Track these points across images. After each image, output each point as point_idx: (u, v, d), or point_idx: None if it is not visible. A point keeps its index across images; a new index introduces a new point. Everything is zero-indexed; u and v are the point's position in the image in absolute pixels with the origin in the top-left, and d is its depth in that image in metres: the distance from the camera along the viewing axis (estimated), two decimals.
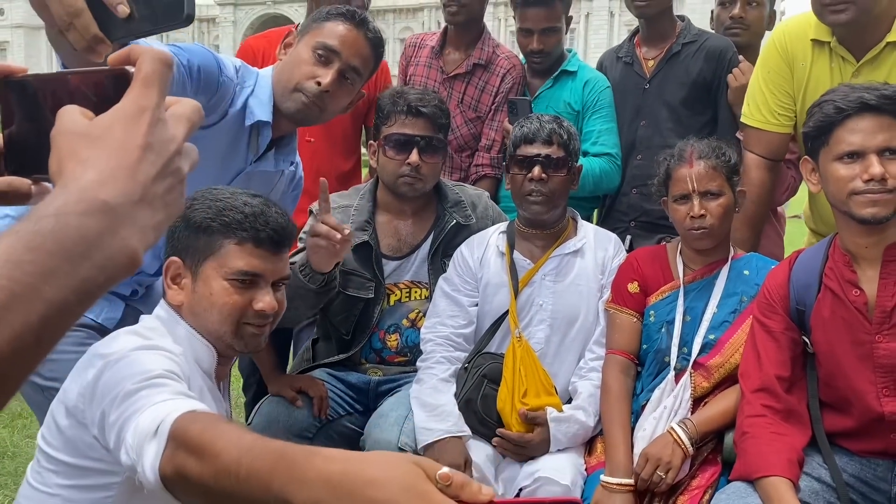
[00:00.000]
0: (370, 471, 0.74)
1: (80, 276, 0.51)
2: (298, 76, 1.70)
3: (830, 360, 1.73)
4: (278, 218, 1.41)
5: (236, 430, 0.94)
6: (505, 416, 1.92)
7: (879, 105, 1.59)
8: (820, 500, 1.69)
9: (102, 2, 0.97)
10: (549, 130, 2.03)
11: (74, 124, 0.58)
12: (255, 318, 1.38)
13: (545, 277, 2.08)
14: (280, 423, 1.93)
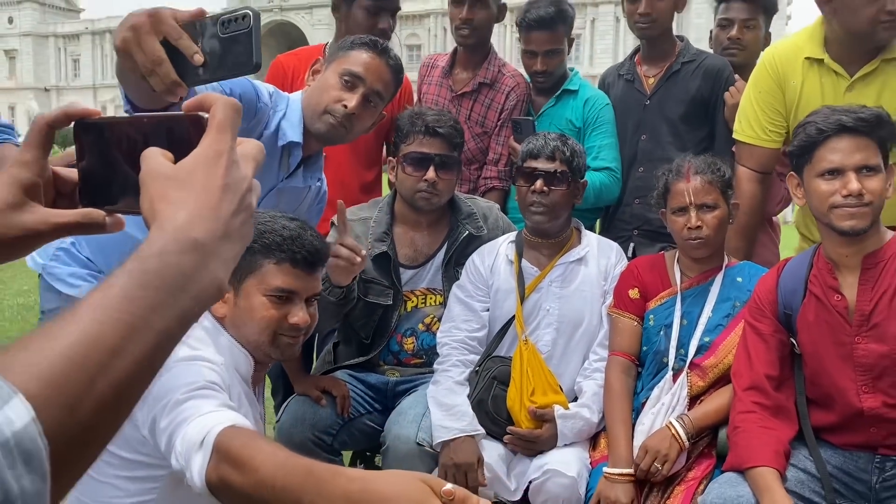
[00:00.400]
0: (385, 489, 0.88)
1: (181, 307, 0.57)
2: (327, 100, 1.86)
3: (815, 360, 1.87)
4: (313, 241, 1.54)
5: (272, 447, 1.08)
6: (514, 414, 2.07)
7: (856, 127, 1.73)
8: (806, 489, 1.83)
9: (180, 51, 1.13)
10: (553, 147, 2.18)
11: (161, 168, 0.63)
12: (290, 331, 1.52)
13: (551, 284, 2.23)
14: (306, 420, 2.08)
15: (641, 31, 2.69)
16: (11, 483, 0.40)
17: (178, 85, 1.15)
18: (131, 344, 0.52)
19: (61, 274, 1.82)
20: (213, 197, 0.61)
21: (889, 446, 1.81)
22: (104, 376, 0.49)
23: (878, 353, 1.76)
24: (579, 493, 1.94)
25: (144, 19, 1.16)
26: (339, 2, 2.64)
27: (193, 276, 0.57)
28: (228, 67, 1.16)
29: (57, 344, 0.48)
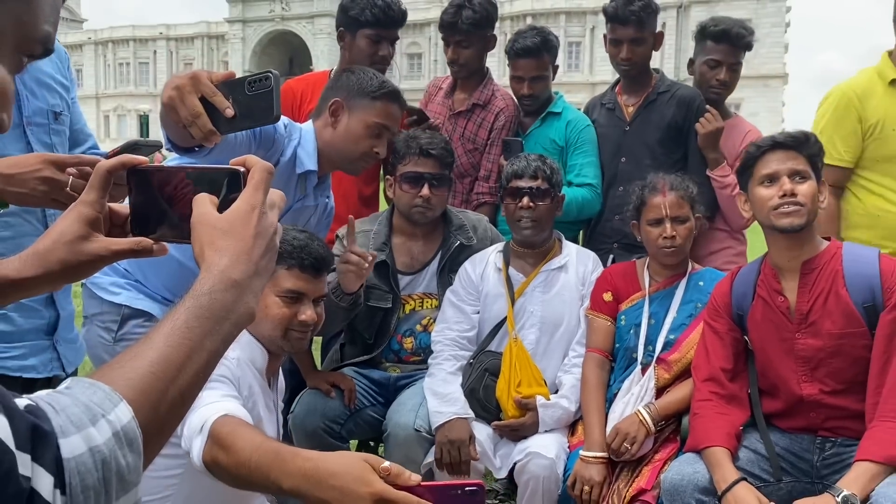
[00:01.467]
0: (332, 466, 1.16)
1: (225, 332, 0.73)
2: (362, 149, 2.14)
3: (763, 354, 2.14)
4: (319, 249, 1.80)
5: (251, 433, 1.36)
6: (502, 403, 2.33)
7: (785, 142, 2.02)
8: (756, 468, 2.08)
9: (215, 106, 1.41)
10: (535, 167, 2.45)
11: (209, 216, 0.79)
12: (300, 327, 1.76)
13: (535, 289, 2.49)
14: (317, 410, 2.33)
15: (624, 71, 2.97)
16: (121, 459, 0.59)
17: (214, 133, 1.45)
18: (191, 362, 0.68)
19: (103, 283, 2.08)
20: (248, 244, 0.77)
21: (827, 429, 2.07)
22: (175, 385, 0.67)
23: (815, 346, 2.02)
24: (557, 473, 2.20)
25: (186, 81, 1.46)
26: (344, 31, 2.88)
27: (233, 308, 0.74)
28: (254, 119, 1.47)
29: (142, 362, 0.66)
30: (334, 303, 2.23)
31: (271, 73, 1.44)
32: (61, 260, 0.89)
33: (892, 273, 1.96)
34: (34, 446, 0.53)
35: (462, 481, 1.13)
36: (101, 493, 0.57)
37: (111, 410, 0.60)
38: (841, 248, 2.06)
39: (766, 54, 52.46)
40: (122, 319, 2.04)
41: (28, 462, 0.53)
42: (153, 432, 0.64)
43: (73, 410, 0.58)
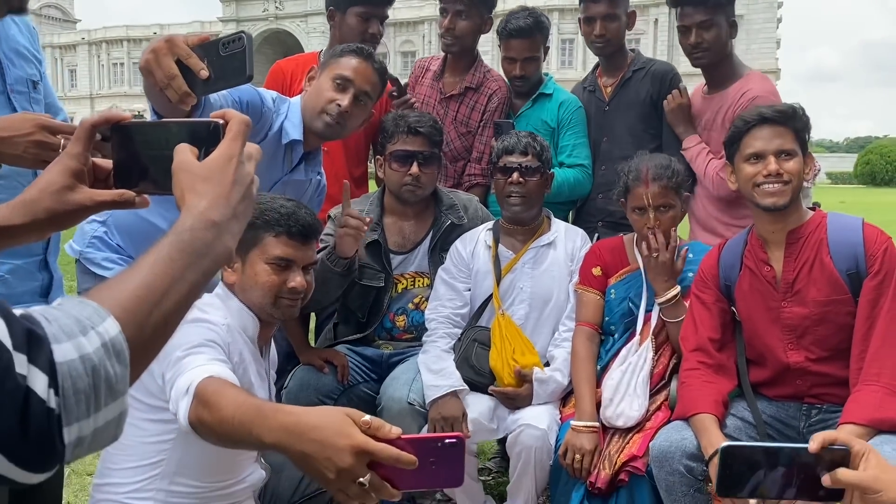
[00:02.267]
0: (313, 420, 1.15)
1: (204, 266, 0.78)
2: (323, 101, 2.15)
3: (750, 324, 2.16)
4: (306, 217, 1.82)
5: (235, 392, 1.38)
6: (497, 372, 2.35)
7: (774, 118, 2.04)
8: (743, 434, 2.11)
9: (190, 68, 1.44)
10: (525, 143, 2.47)
11: (189, 163, 0.84)
12: (289, 294, 1.77)
13: (525, 265, 2.52)
14: (311, 386, 2.36)
15: (598, 49, 3.00)
16: (109, 368, 0.63)
17: (189, 95, 1.47)
18: (173, 290, 0.73)
19: (97, 258, 2.10)
20: (226, 189, 0.82)
21: (813, 396, 2.10)
22: (158, 309, 0.71)
23: (801, 314, 2.05)
24: (550, 444, 2.23)
25: (162, 44, 1.48)
26: (334, 11, 2.91)
27: (212, 245, 0.79)
28: (227, 79, 1.49)
29: (129, 285, 0.71)
30: (329, 268, 2.25)
31: (244, 32, 1.47)
32: (48, 209, 0.93)
33: (876, 240, 1.99)
34: (30, 348, 0.57)
35: (442, 434, 1.14)
36: (90, 398, 0.60)
37: (99, 324, 0.64)
38: (826, 217, 2.09)
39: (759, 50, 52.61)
40: None
41: (24, 362, 0.56)
42: (138, 350, 0.67)
43: (65, 321, 0.61)
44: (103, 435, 0.63)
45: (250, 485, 1.71)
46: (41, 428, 0.56)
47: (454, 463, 1.13)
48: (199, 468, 1.58)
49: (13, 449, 0.54)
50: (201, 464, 1.57)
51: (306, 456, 1.12)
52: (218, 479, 1.61)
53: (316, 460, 1.10)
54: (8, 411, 0.54)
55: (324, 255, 2.27)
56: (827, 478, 1.17)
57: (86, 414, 0.60)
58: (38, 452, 0.56)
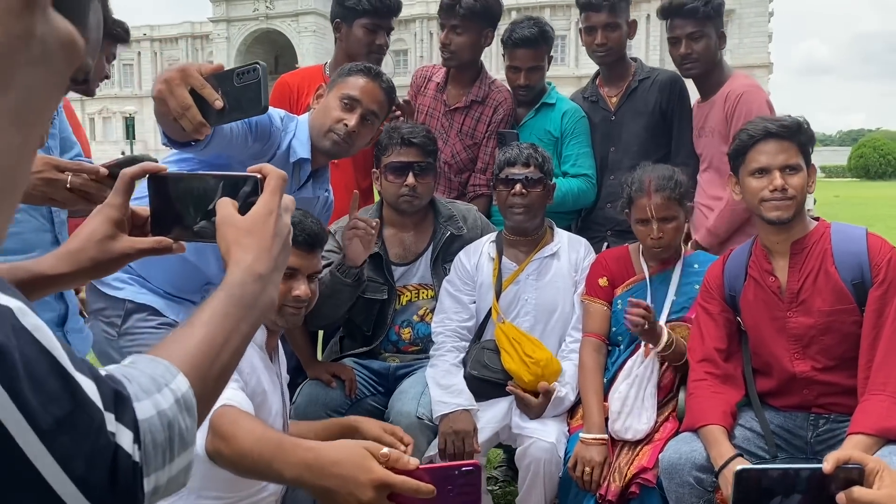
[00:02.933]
0: (333, 454, 1.21)
1: (254, 317, 0.83)
2: (330, 121, 2.15)
3: (755, 333, 2.18)
4: (313, 226, 1.83)
5: (252, 423, 1.40)
6: (515, 373, 2.34)
7: (779, 132, 2.05)
8: (752, 445, 2.13)
9: (204, 98, 1.44)
10: (527, 155, 2.48)
11: (233, 218, 0.89)
12: (293, 302, 1.79)
13: (528, 277, 2.53)
14: (319, 400, 2.36)
15: (599, 58, 3.00)
16: (182, 422, 0.68)
17: (203, 125, 1.47)
18: (229, 343, 0.78)
19: (107, 279, 2.10)
20: (268, 242, 0.87)
21: (820, 406, 2.12)
22: (218, 362, 0.76)
23: (806, 324, 2.07)
24: (559, 456, 2.23)
25: (175, 74, 1.48)
26: (340, 23, 2.90)
27: (260, 297, 0.84)
28: (242, 110, 1.50)
29: (192, 341, 0.75)
30: (339, 280, 2.26)
31: (259, 64, 1.48)
32: (92, 258, 0.99)
33: (880, 250, 2.00)
34: (116, 408, 0.61)
35: (458, 462, 1.17)
36: (166, 450, 0.65)
37: (172, 381, 0.69)
38: (829, 227, 2.11)
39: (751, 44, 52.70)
40: (125, 314, 2.05)
41: (113, 421, 0.60)
42: (202, 402, 0.73)
43: (142, 380, 0.66)
44: (175, 482, 0.68)
45: (272, 493, 1.73)
46: (127, 481, 0.60)
47: (471, 490, 1.15)
48: (224, 481, 1.59)
49: (103, 500, 0.58)
50: (226, 477, 1.57)
51: (328, 491, 1.15)
52: (243, 489, 1.62)
53: (338, 494, 1.14)
54: (100, 466, 0.58)
55: (332, 268, 2.28)
56: (842, 496, 1.18)
57: (162, 465, 0.65)
58: (120, 501, 0.60)
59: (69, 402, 0.57)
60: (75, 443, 0.57)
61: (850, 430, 1.90)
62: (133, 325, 2.04)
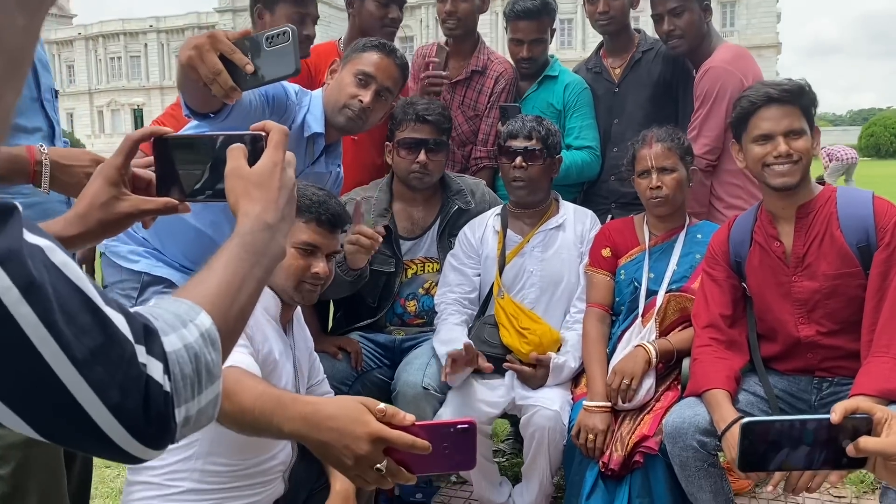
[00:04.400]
0: (330, 409, 1.22)
1: (265, 264, 0.86)
2: (344, 97, 2.15)
3: (761, 299, 2.18)
4: (336, 206, 1.84)
5: (253, 382, 1.41)
6: (513, 347, 2.36)
7: (781, 97, 2.03)
8: (755, 409, 2.13)
9: (234, 63, 1.45)
10: (530, 128, 2.47)
11: (243, 171, 0.92)
12: (311, 279, 1.80)
13: (534, 249, 2.53)
14: (325, 373, 2.37)
15: (602, 27, 2.98)
16: (207, 356, 0.71)
17: (234, 89, 1.48)
18: (245, 285, 0.82)
19: (122, 252, 2.12)
20: (275, 194, 0.90)
21: (824, 369, 2.12)
22: (237, 302, 0.80)
23: (811, 288, 2.06)
24: (563, 424, 2.24)
25: (205, 40, 1.49)
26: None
27: (269, 245, 0.87)
28: (274, 73, 1.49)
29: (210, 283, 0.79)
30: (340, 275, 2.27)
31: (289, 27, 1.48)
32: (99, 220, 1.03)
33: (886, 213, 1.99)
34: (147, 340, 0.65)
35: (454, 420, 1.18)
36: (195, 382, 0.69)
37: (195, 317, 0.72)
38: (835, 191, 2.10)
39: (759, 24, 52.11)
40: (141, 286, 2.07)
41: (143, 353, 0.64)
42: (224, 339, 0.76)
43: (167, 317, 0.70)
44: (204, 415, 0.71)
45: (281, 462, 1.74)
46: (160, 409, 0.64)
47: (467, 447, 1.16)
48: (231, 447, 1.61)
49: (137, 427, 0.62)
50: (233, 443, 1.59)
51: (325, 444, 1.16)
52: (250, 456, 1.64)
53: (334, 448, 1.14)
54: (134, 395, 0.61)
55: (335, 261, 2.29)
56: (851, 447, 1.16)
57: (191, 396, 0.68)
58: (156, 431, 0.64)
59: (101, 334, 0.61)
60: (109, 373, 0.60)
61: (853, 392, 1.89)
62: (149, 297, 2.06)
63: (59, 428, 0.61)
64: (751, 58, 2.88)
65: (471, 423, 1.15)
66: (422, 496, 2.51)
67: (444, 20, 3.05)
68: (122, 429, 0.62)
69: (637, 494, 2.16)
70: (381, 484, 1.14)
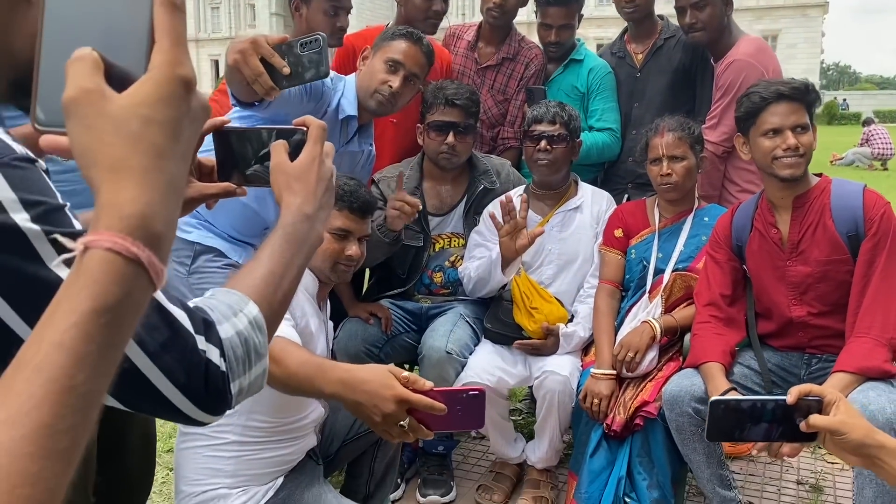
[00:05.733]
0: (363, 375, 1.47)
1: (305, 251, 0.92)
2: (376, 82, 2.36)
3: (758, 281, 2.36)
4: (366, 195, 2.05)
5: (298, 350, 1.65)
6: (522, 325, 2.59)
7: (791, 94, 2.18)
8: (749, 381, 2.33)
9: (273, 65, 1.68)
10: (553, 113, 2.66)
11: (285, 166, 0.97)
12: (345, 261, 2.02)
13: (553, 228, 2.73)
14: (358, 336, 2.63)
15: (628, 14, 3.12)
16: (255, 339, 0.81)
17: (273, 89, 1.71)
18: (288, 273, 0.89)
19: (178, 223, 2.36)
20: (313, 186, 0.96)
21: (814, 347, 2.31)
22: (280, 289, 0.88)
23: (804, 273, 2.24)
24: (572, 388, 2.47)
25: (248, 45, 1.71)
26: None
27: (308, 234, 0.94)
28: (307, 75, 1.73)
29: (257, 275, 0.88)
30: (379, 238, 2.50)
31: (320, 34, 1.72)
32: None
33: (874, 205, 2.15)
34: (206, 331, 0.77)
35: (466, 387, 1.42)
36: (245, 361, 0.81)
37: (245, 307, 0.83)
38: (830, 183, 2.26)
39: None
40: (194, 255, 2.32)
41: (203, 342, 0.76)
42: (269, 322, 0.87)
43: (222, 308, 0.82)
44: (254, 385, 0.83)
45: (313, 420, 2.00)
46: (218, 386, 0.76)
47: (476, 410, 1.40)
48: (270, 406, 1.86)
49: (201, 400, 0.75)
50: (272, 403, 1.85)
51: (358, 404, 1.42)
52: (286, 415, 1.89)
53: (366, 407, 1.40)
54: (196, 376, 0.74)
55: (375, 224, 2.51)
56: (804, 424, 1.34)
57: (243, 372, 0.80)
58: (216, 402, 0.77)
59: (168, 329, 0.72)
60: (176, 360, 0.72)
61: (834, 369, 2.09)
62: (201, 264, 2.31)
63: (141, 402, 0.74)
64: (771, 52, 3.00)
65: (480, 390, 1.38)
66: (443, 448, 2.77)
67: (489, 9, 3.14)
68: (189, 402, 0.74)
69: (637, 454, 2.40)
70: (404, 438, 1.39)
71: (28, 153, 0.68)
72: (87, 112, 0.50)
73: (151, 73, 0.53)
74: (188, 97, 0.54)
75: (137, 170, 0.51)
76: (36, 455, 0.40)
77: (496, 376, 2.53)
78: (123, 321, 0.47)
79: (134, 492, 2.07)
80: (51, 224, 0.66)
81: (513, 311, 2.61)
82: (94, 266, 0.47)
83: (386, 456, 2.21)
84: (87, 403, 0.44)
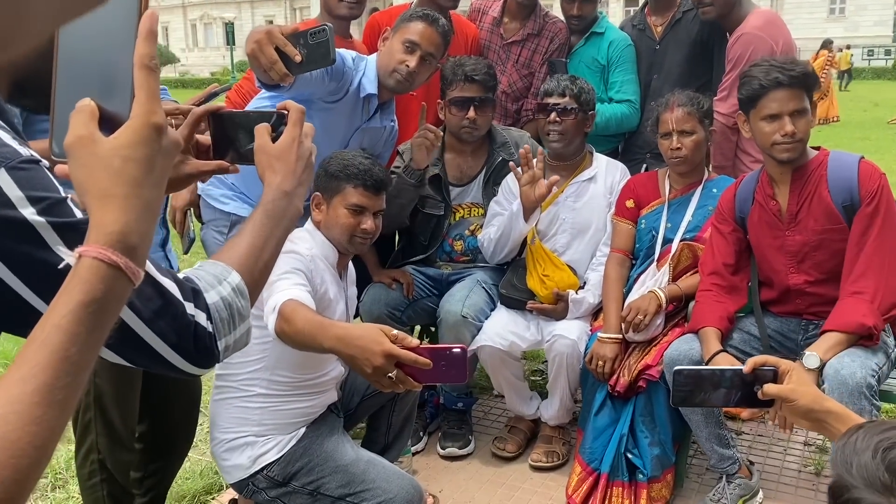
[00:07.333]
0: (357, 332, 1.66)
1: (284, 225, 1.00)
2: (394, 62, 2.51)
3: (759, 251, 2.46)
4: (379, 173, 2.21)
5: (306, 310, 1.83)
6: (534, 290, 2.74)
7: (790, 82, 2.24)
8: (748, 346, 2.45)
9: (286, 54, 1.86)
10: (563, 86, 2.76)
11: (267, 147, 1.04)
12: (361, 234, 2.18)
13: (567, 198, 2.86)
14: (381, 300, 2.82)
15: None
16: (238, 303, 0.90)
17: (287, 75, 1.91)
18: (267, 246, 0.98)
19: (216, 195, 2.59)
20: (292, 165, 1.04)
21: (811, 313, 2.40)
22: (260, 260, 0.97)
23: (801, 241, 2.33)
24: (579, 351, 2.63)
25: (263, 36, 1.90)
26: None
27: (287, 210, 1.02)
28: (316, 62, 1.92)
29: (240, 248, 0.96)
30: (404, 181, 2.67)
31: (327, 26, 1.91)
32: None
33: (869, 177, 2.22)
34: (194, 298, 0.87)
35: (449, 345, 1.58)
36: (230, 322, 0.91)
37: (228, 276, 0.93)
38: (828, 155, 2.32)
39: None
40: (231, 224, 2.54)
41: (192, 307, 0.85)
42: (251, 289, 0.97)
43: (208, 278, 0.91)
44: (239, 342, 0.94)
45: (333, 378, 2.20)
46: (206, 344, 0.86)
47: (459, 366, 1.56)
48: (293, 363, 2.07)
49: (191, 356, 0.86)
50: (294, 360, 2.06)
51: (352, 357, 1.62)
52: (308, 371, 2.10)
53: (358, 360, 1.60)
54: (186, 336, 0.85)
55: (399, 170, 2.68)
56: (760, 392, 1.47)
57: (228, 332, 0.90)
58: (205, 358, 0.87)
59: (160, 299, 0.82)
60: (168, 324, 0.82)
61: (824, 328, 2.19)
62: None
63: (140, 359, 0.84)
64: (782, 23, 3.01)
65: (462, 348, 1.55)
66: (462, 405, 2.97)
67: None
68: (181, 358, 0.84)
69: (640, 414, 2.55)
70: (394, 388, 1.58)
71: (33, 154, 0.78)
72: (82, 153, 0.65)
73: (131, 121, 0.67)
74: (160, 138, 0.68)
75: (119, 197, 0.64)
76: (40, 403, 0.55)
77: (509, 340, 2.69)
78: (107, 310, 0.62)
79: (179, 441, 2.32)
80: (54, 215, 0.77)
81: (525, 278, 2.77)
82: (84, 270, 0.61)
83: (403, 410, 2.41)
84: (78, 369, 0.58)
